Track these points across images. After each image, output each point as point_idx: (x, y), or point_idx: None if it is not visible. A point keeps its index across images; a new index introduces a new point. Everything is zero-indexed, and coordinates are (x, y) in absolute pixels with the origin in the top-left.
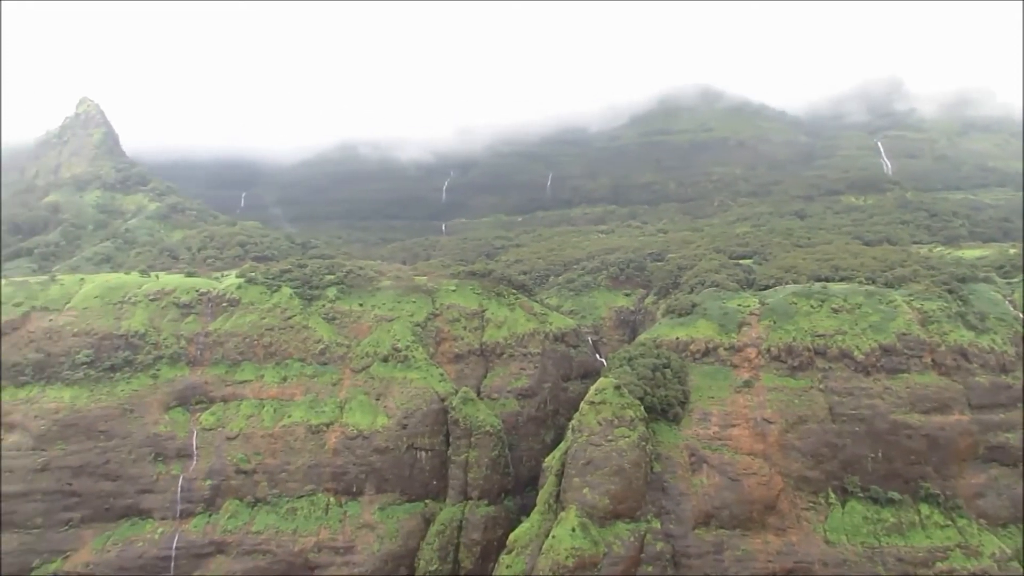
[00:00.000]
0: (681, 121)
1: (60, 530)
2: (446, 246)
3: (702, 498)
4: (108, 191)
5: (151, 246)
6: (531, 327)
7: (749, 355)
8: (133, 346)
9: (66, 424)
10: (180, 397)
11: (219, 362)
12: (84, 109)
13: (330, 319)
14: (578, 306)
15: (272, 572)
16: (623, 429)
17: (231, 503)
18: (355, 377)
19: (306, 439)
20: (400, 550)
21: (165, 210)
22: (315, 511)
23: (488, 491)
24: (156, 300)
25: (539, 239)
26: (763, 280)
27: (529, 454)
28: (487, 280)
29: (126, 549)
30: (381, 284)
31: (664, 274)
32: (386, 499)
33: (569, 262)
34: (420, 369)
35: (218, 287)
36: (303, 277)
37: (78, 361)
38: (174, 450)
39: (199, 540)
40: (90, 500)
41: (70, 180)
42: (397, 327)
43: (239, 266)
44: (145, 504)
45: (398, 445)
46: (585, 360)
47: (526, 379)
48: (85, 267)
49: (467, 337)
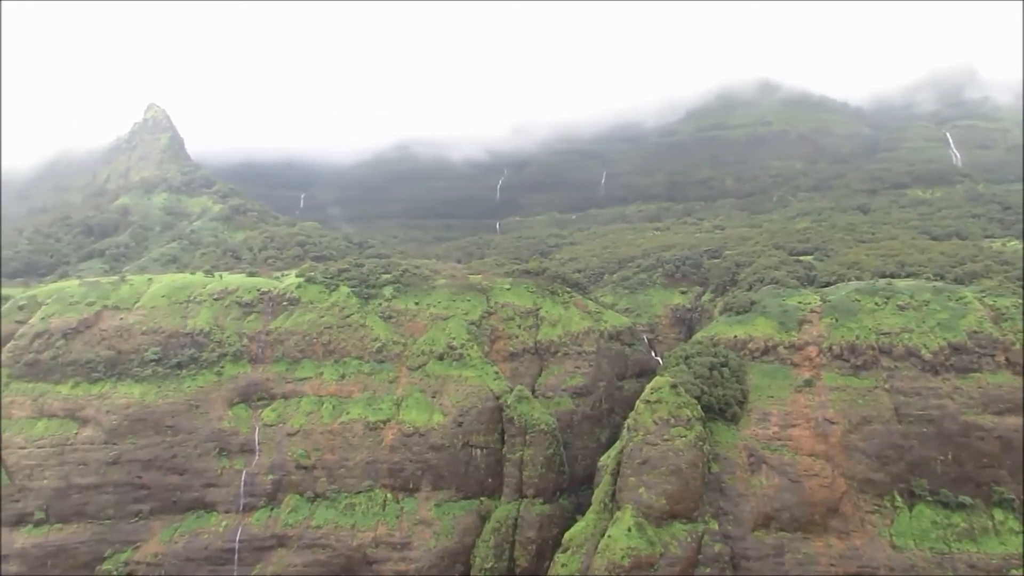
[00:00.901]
0: (738, 115)
1: (130, 521)
2: (500, 244)
3: (761, 499)
4: (174, 194)
5: (215, 247)
6: (586, 325)
7: (810, 354)
8: (198, 344)
9: (136, 419)
10: (243, 394)
11: (280, 360)
12: (152, 115)
13: (387, 317)
14: (633, 304)
15: (331, 566)
16: (680, 428)
17: (292, 498)
18: (411, 375)
19: (364, 436)
20: (456, 547)
21: (228, 212)
22: (372, 507)
23: (543, 489)
24: (220, 299)
25: (593, 237)
26: (824, 277)
27: (584, 453)
28: (541, 278)
29: (192, 541)
30: (436, 283)
31: (721, 271)
32: (442, 496)
33: (624, 260)
34: (475, 367)
35: (279, 286)
36: (360, 276)
37: (147, 358)
38: (237, 445)
39: (261, 533)
40: (158, 493)
41: (139, 183)
42: (452, 325)
43: (299, 266)
44: (210, 497)
45: (454, 443)
46: (640, 358)
47: (581, 377)
48: (153, 267)
49: (521, 335)
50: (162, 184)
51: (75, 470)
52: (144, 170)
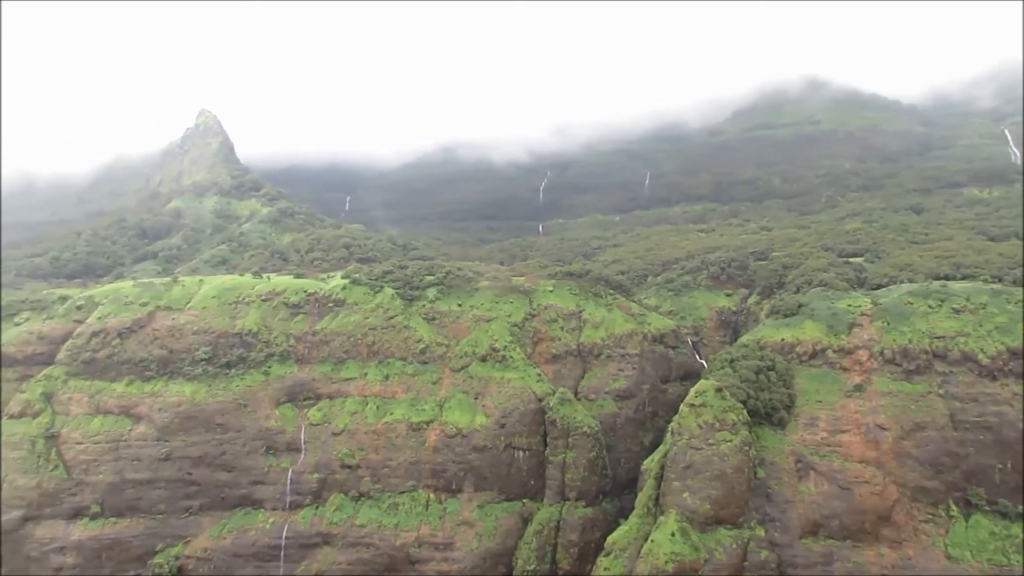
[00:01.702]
0: (785, 114)
1: (181, 517)
2: (543, 246)
3: (809, 506)
4: (224, 197)
5: (263, 249)
6: (629, 328)
7: (860, 358)
8: (247, 344)
9: (187, 417)
10: (289, 393)
11: (325, 360)
12: (203, 120)
13: (430, 319)
14: (677, 306)
15: (375, 565)
16: (725, 433)
17: (336, 496)
18: (454, 376)
19: (407, 436)
20: (498, 548)
21: (276, 214)
22: (416, 507)
23: (586, 492)
24: (268, 300)
25: (637, 238)
26: (875, 279)
27: (627, 456)
28: (584, 280)
29: (240, 537)
30: (479, 284)
31: (768, 273)
32: (484, 497)
33: (668, 261)
34: (518, 369)
35: (324, 288)
36: (404, 278)
37: (197, 357)
38: (284, 444)
39: (306, 531)
40: (208, 489)
41: (190, 187)
42: (495, 327)
43: (344, 267)
44: (257, 495)
45: (496, 444)
46: (685, 361)
47: (624, 380)
48: (204, 269)
49: (564, 337)
50: (213, 188)
51: (129, 466)
52: (196, 174)
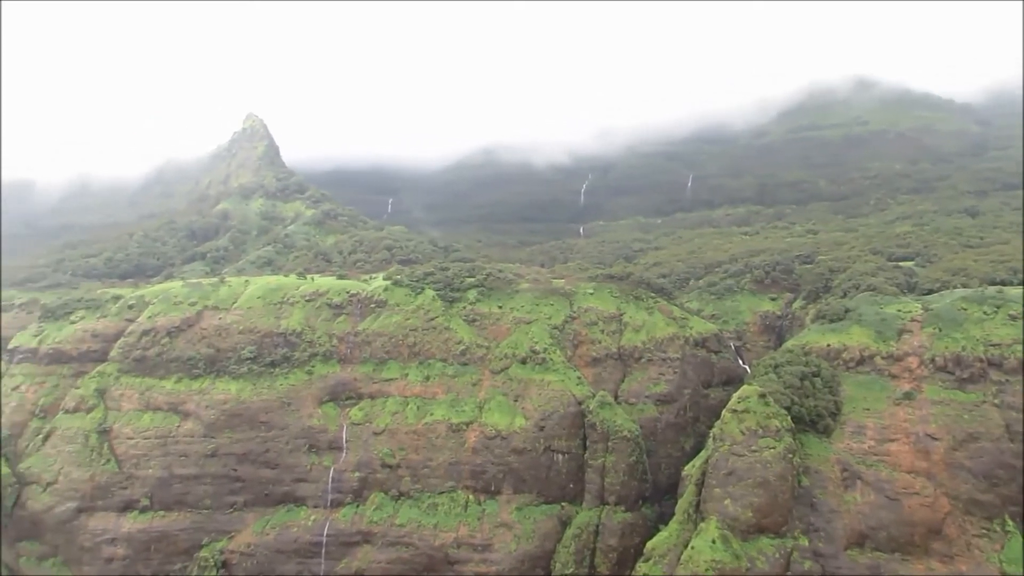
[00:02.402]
0: (833, 114)
1: (226, 512)
2: (584, 249)
3: (855, 517)
4: (270, 199)
5: (307, 250)
6: (670, 331)
7: (910, 365)
8: (291, 343)
9: (232, 414)
10: (332, 392)
11: (367, 360)
12: (250, 124)
13: (470, 321)
14: (720, 310)
15: (414, 564)
16: (768, 439)
17: (377, 495)
18: (494, 378)
19: (447, 437)
20: (536, 551)
21: (320, 216)
22: (455, 507)
23: (625, 497)
24: (311, 301)
25: (679, 241)
26: (927, 284)
27: (668, 461)
28: (625, 283)
29: (283, 533)
30: (520, 287)
31: (814, 277)
32: (523, 499)
33: (711, 265)
34: (557, 372)
35: (367, 289)
36: (445, 280)
37: (243, 356)
38: (326, 442)
39: (347, 529)
40: (252, 486)
41: (237, 189)
42: (535, 329)
43: (386, 269)
44: (300, 492)
45: (535, 447)
46: (727, 366)
47: (665, 384)
48: (249, 270)
49: (605, 340)
50: (259, 190)
51: (177, 461)
52: (242, 177)
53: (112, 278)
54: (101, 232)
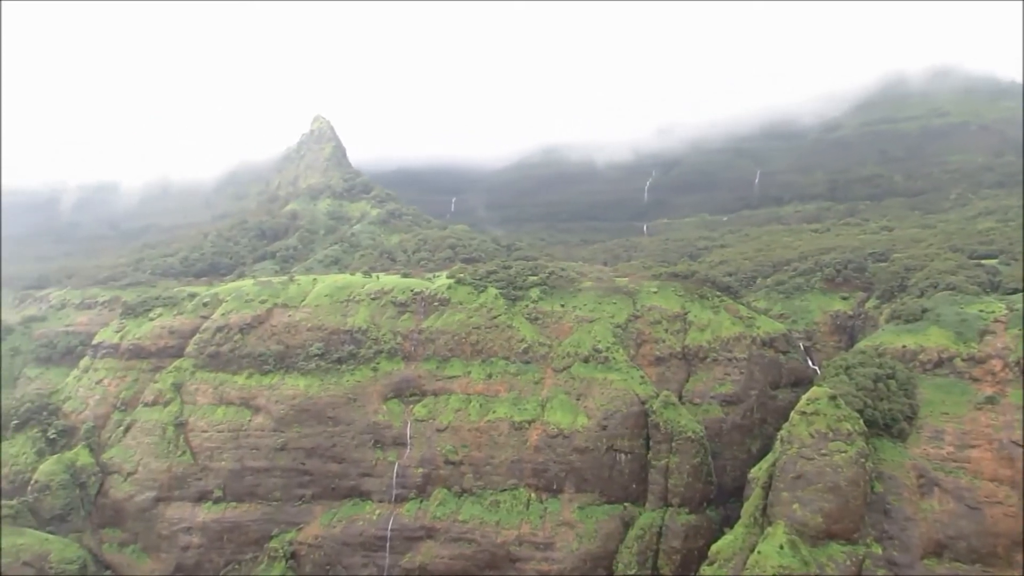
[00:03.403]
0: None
1: (295, 504)
2: (647, 247)
3: (932, 525)
4: (337, 199)
5: (372, 249)
6: (737, 331)
7: (993, 367)
8: (357, 341)
9: (301, 409)
10: (396, 389)
11: (431, 358)
12: (317, 126)
13: (533, 319)
14: (789, 310)
15: (476, 560)
16: (839, 443)
17: (440, 491)
18: (556, 376)
19: (509, 435)
20: (599, 551)
21: (385, 216)
22: (517, 505)
23: (689, 499)
24: (376, 299)
25: (746, 239)
26: (1011, 283)
27: (733, 463)
28: (690, 282)
29: (349, 527)
30: (582, 285)
31: (888, 275)
32: (585, 499)
33: (779, 263)
34: (620, 371)
35: (430, 287)
36: (508, 278)
37: (311, 353)
38: (391, 438)
39: (411, 524)
40: (320, 479)
41: (306, 190)
42: (598, 328)
43: (449, 267)
44: (365, 487)
45: (598, 446)
46: (796, 367)
47: (731, 385)
48: (317, 268)
49: (669, 340)
50: (326, 190)
51: (248, 454)
52: (311, 178)
53: (188, 276)
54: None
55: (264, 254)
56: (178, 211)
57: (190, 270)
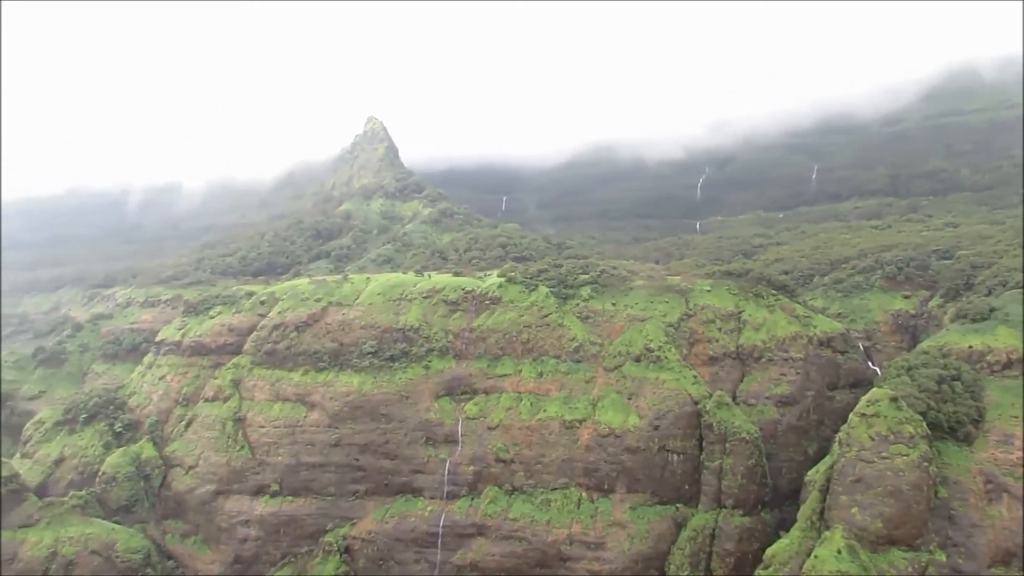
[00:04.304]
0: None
1: (349, 499)
2: (700, 245)
3: (1001, 532)
4: (389, 199)
5: (424, 248)
6: (793, 330)
7: None
8: (409, 339)
9: (355, 406)
10: (447, 387)
11: (482, 356)
12: (370, 127)
13: (584, 318)
14: (847, 309)
15: (527, 559)
16: (900, 446)
17: (491, 489)
18: (607, 376)
19: (560, 433)
20: (650, 552)
21: (436, 215)
22: (567, 504)
23: (743, 501)
24: (428, 297)
25: (802, 236)
26: None
27: (789, 465)
28: (744, 280)
29: (401, 523)
30: (634, 284)
31: (953, 273)
32: (637, 499)
33: (837, 260)
34: (673, 370)
35: (481, 286)
36: (559, 276)
37: (364, 351)
38: (442, 436)
39: (462, 521)
40: (373, 475)
41: (359, 190)
42: (649, 327)
43: (500, 266)
44: (417, 483)
45: (649, 446)
46: (855, 368)
47: (787, 385)
48: (371, 267)
49: (722, 339)
50: (379, 190)
51: (304, 449)
52: (364, 178)
53: (246, 275)
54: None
55: (319, 253)
56: (236, 211)
57: (248, 269)
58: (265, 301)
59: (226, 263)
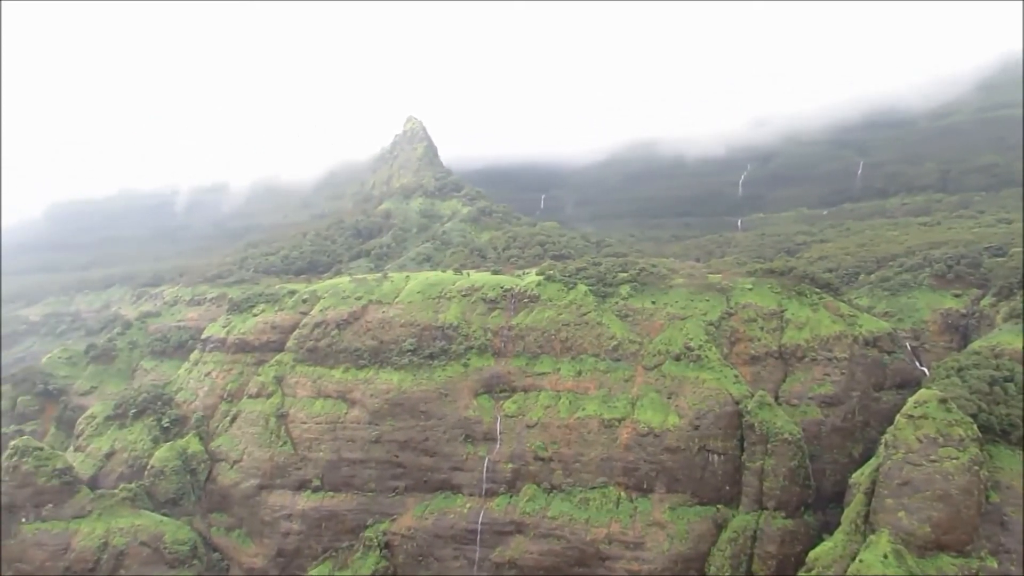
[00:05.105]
0: None
1: (389, 495)
2: (742, 243)
3: None
4: (428, 198)
5: (463, 246)
6: (837, 329)
7: None
8: (448, 337)
9: (395, 403)
10: (486, 385)
11: (520, 354)
12: (410, 127)
13: (623, 316)
14: (894, 307)
15: (565, 557)
16: (950, 449)
17: (529, 487)
18: (647, 374)
19: (599, 432)
20: (690, 552)
21: (475, 214)
22: (606, 503)
23: (785, 503)
24: (467, 296)
25: (847, 233)
26: None
27: (833, 467)
28: (787, 278)
29: (440, 519)
30: (674, 282)
31: (1007, 271)
32: (676, 499)
33: (883, 258)
34: (713, 369)
35: (520, 284)
36: (597, 275)
37: (404, 348)
38: (481, 433)
39: (501, 518)
40: (412, 472)
41: (399, 189)
42: (690, 326)
43: (539, 264)
44: (456, 480)
45: (689, 446)
46: (902, 368)
47: (830, 386)
48: (410, 266)
49: (764, 338)
50: (418, 190)
51: (345, 445)
52: (403, 177)
53: (288, 274)
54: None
55: (359, 252)
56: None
57: (290, 268)
58: (307, 299)
59: (269, 262)
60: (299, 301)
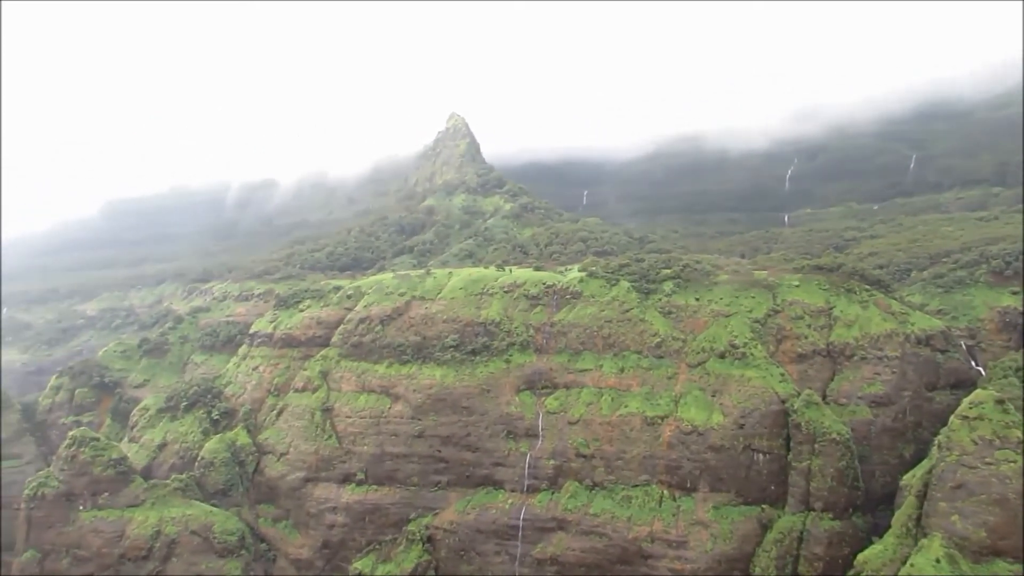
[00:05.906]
0: None
1: (431, 490)
2: (789, 238)
3: None
4: (471, 194)
5: (505, 243)
6: (888, 327)
7: None
8: (490, 333)
9: (437, 399)
10: (528, 381)
11: (562, 351)
12: (453, 123)
13: (666, 313)
14: (948, 305)
15: (607, 555)
16: (1007, 452)
17: (571, 484)
18: (690, 372)
19: (641, 430)
20: (734, 552)
21: (517, 210)
22: (649, 502)
23: (833, 504)
24: (509, 292)
25: (899, 229)
26: None
27: (883, 469)
28: (836, 274)
29: (482, 514)
30: (718, 278)
31: None
32: (720, 498)
33: (937, 254)
34: (759, 367)
35: (562, 280)
36: (640, 271)
37: (447, 344)
38: (523, 429)
39: (543, 515)
40: (454, 467)
41: (441, 186)
42: (734, 323)
43: (581, 260)
44: (498, 476)
45: (734, 445)
46: (956, 368)
47: (881, 385)
48: (452, 262)
49: (812, 336)
50: (461, 186)
51: (388, 440)
52: (446, 174)
53: (333, 270)
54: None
55: (402, 248)
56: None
57: (335, 264)
58: (351, 295)
59: (315, 258)
60: (344, 297)
